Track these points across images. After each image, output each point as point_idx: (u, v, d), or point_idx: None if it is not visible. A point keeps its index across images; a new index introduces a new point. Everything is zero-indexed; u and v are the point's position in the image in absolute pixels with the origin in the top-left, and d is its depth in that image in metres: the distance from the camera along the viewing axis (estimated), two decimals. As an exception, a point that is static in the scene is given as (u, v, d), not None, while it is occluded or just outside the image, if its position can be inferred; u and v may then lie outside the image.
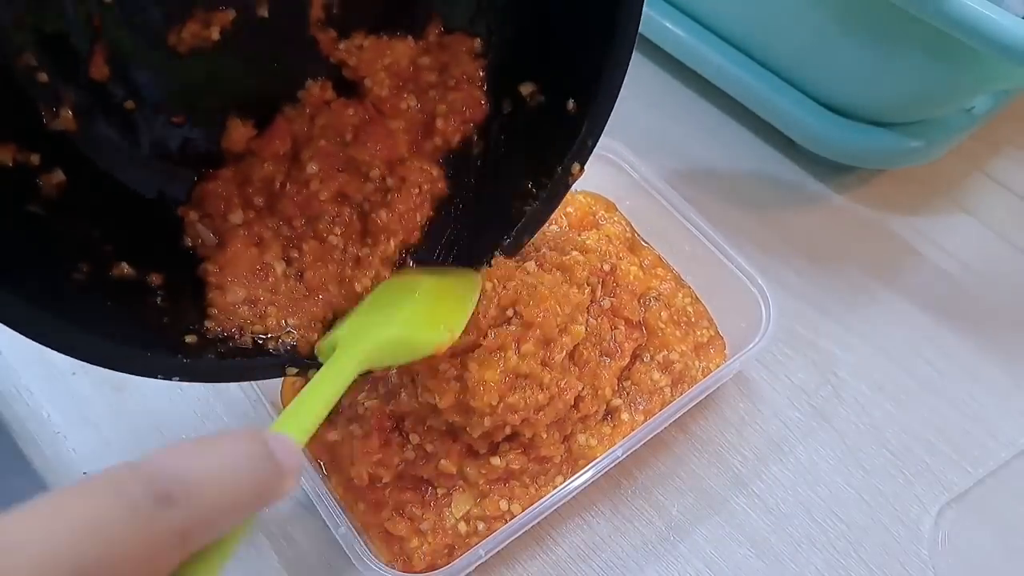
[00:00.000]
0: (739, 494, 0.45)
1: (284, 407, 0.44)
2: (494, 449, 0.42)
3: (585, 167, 0.39)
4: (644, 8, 0.59)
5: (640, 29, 0.61)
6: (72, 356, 0.31)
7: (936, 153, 0.55)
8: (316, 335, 0.39)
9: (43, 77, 0.36)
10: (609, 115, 0.38)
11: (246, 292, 0.39)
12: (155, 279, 0.36)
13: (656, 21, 0.60)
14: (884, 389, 0.49)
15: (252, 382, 0.43)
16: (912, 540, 0.44)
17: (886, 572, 0.43)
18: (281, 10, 0.40)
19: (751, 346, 0.44)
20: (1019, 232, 0.57)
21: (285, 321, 0.39)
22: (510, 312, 0.41)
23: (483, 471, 0.41)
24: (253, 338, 0.38)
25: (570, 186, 0.40)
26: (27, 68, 0.35)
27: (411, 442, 0.42)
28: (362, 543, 0.38)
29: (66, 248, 0.34)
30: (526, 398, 0.40)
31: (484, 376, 0.40)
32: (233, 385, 0.46)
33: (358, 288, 0.41)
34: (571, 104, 0.39)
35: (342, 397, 0.33)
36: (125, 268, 0.36)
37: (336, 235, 0.41)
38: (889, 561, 0.43)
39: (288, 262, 0.41)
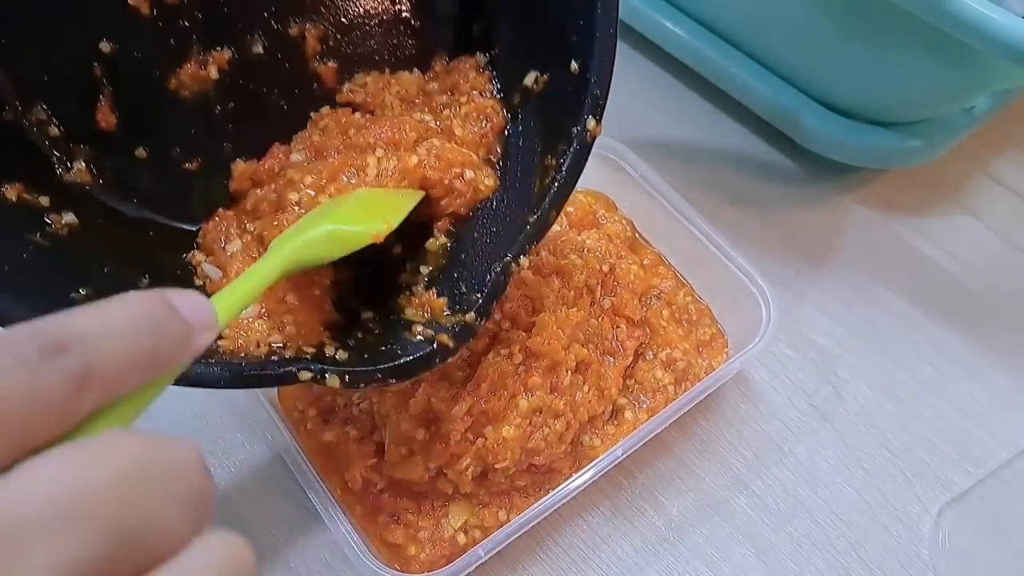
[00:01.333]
0: (739, 494, 0.45)
1: (282, 406, 0.44)
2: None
3: (601, 123, 0.37)
4: (645, 8, 0.60)
5: (641, 29, 0.61)
6: None
7: (937, 153, 0.55)
8: (338, 347, 0.36)
9: (54, 131, 0.37)
10: (613, 59, 0.36)
11: (258, 305, 0.37)
12: None
13: (657, 21, 0.60)
14: (885, 389, 0.49)
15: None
16: (912, 540, 0.44)
17: (886, 572, 0.43)
18: (277, 46, 0.41)
19: (752, 346, 0.44)
20: (1020, 232, 0.57)
21: (302, 330, 0.36)
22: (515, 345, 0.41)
23: (484, 485, 0.41)
24: (271, 347, 0.36)
25: (590, 147, 0.37)
26: (38, 122, 0.37)
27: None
28: (361, 544, 0.38)
29: (68, 275, 0.34)
30: (546, 436, 0.40)
31: (502, 435, 0.39)
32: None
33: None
34: (574, 65, 0.37)
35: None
36: None
37: None
38: (889, 561, 0.43)
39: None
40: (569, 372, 0.41)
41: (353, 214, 0.36)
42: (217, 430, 0.46)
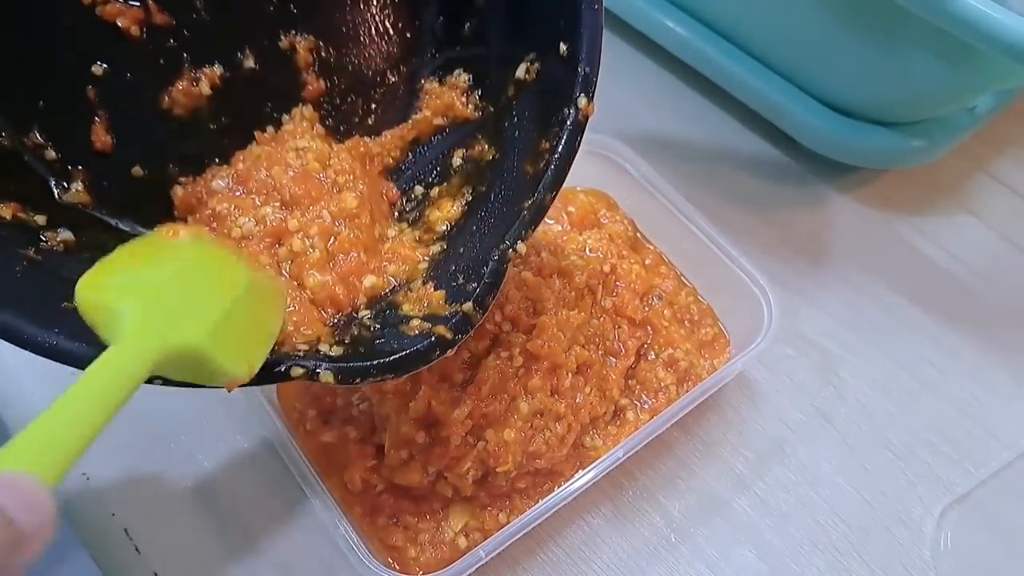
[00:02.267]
0: (741, 495, 0.45)
1: (282, 406, 0.44)
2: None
3: (593, 101, 0.36)
4: (646, 6, 0.60)
5: (642, 28, 0.61)
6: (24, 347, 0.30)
7: (938, 153, 0.55)
8: (333, 343, 0.35)
9: (51, 154, 0.37)
10: (600, 37, 0.36)
11: None
12: None
13: (658, 20, 0.59)
14: (886, 390, 0.49)
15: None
16: (914, 541, 0.44)
17: (888, 574, 0.43)
18: (268, 60, 0.41)
19: (753, 346, 0.44)
20: (1021, 232, 0.57)
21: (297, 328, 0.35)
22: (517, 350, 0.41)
23: (485, 487, 0.41)
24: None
25: (583, 126, 0.36)
26: (35, 146, 0.37)
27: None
28: (362, 546, 0.38)
29: (60, 286, 0.33)
30: (547, 439, 0.40)
31: (503, 437, 0.39)
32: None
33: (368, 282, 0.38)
34: (563, 47, 0.37)
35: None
36: None
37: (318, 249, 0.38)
38: (891, 562, 0.43)
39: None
40: (570, 374, 0.41)
41: (228, 331, 0.31)
42: (217, 430, 0.46)
